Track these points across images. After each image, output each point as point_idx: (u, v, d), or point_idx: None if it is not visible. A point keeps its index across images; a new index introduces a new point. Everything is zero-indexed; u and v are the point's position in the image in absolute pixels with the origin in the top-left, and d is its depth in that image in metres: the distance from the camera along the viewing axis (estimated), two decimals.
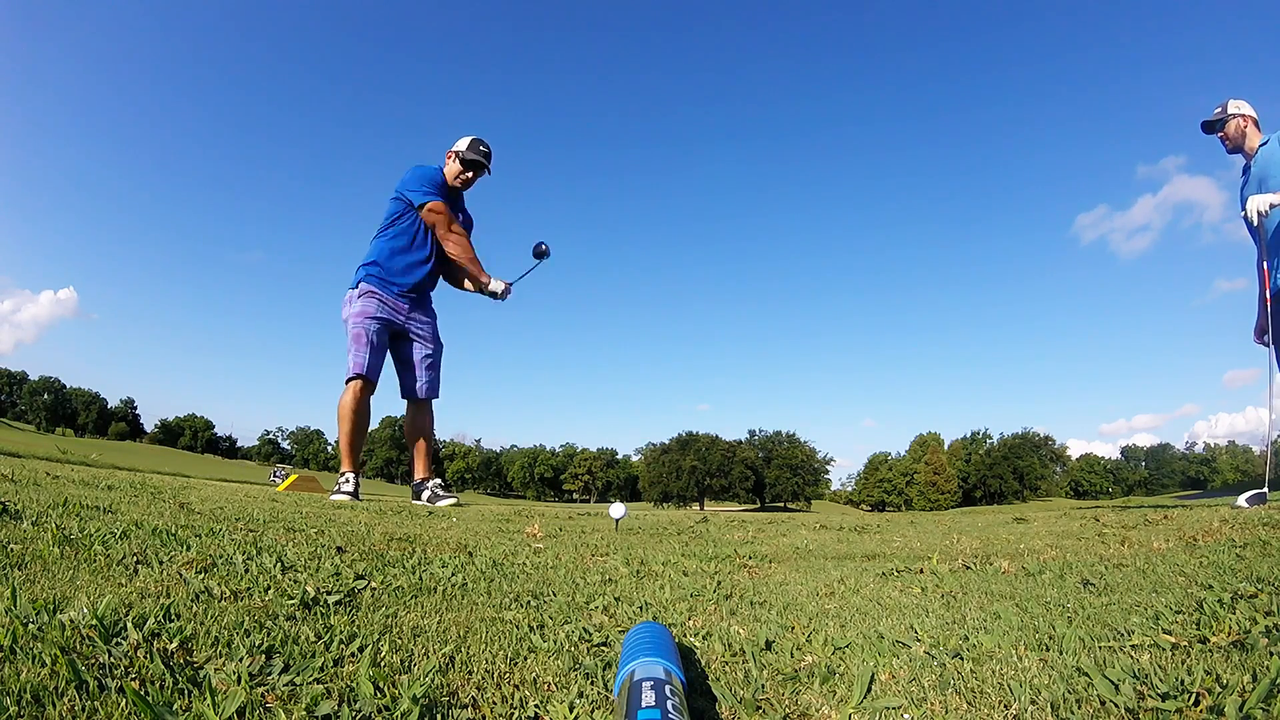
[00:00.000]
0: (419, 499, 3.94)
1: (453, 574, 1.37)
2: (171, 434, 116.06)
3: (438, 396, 4.09)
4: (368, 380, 3.80)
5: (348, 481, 3.76)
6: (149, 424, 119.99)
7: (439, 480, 4.03)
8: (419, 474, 4.04)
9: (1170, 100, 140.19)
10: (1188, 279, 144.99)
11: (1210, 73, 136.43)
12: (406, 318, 3.95)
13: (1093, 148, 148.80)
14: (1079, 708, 0.74)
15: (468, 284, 4.20)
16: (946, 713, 0.75)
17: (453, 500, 3.87)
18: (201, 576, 1.09)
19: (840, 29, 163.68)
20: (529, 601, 1.20)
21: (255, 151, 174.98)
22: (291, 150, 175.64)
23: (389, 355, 4.02)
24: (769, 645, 0.99)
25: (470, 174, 4.01)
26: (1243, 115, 3.51)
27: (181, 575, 1.09)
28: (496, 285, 4.07)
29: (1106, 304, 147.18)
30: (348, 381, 3.80)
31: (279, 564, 1.25)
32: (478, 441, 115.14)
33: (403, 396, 4.09)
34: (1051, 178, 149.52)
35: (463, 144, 4.02)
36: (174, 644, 0.77)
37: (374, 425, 4.56)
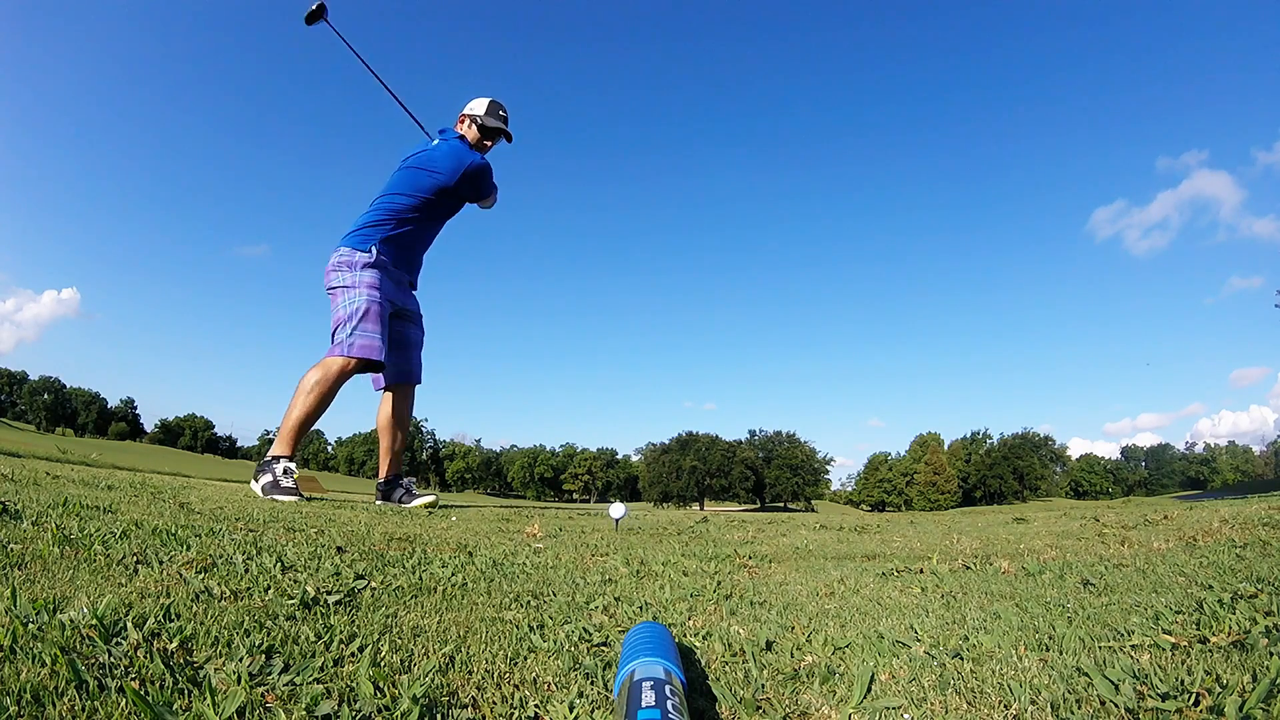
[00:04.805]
0: (389, 499, 3.47)
1: (453, 574, 1.37)
2: (171, 434, 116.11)
3: (422, 382, 3.71)
4: (375, 365, 3.24)
5: (289, 475, 3.05)
6: (149, 424, 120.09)
7: (413, 478, 3.61)
8: (393, 470, 3.58)
9: (1195, 91, 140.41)
10: (1200, 277, 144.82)
11: (1238, 65, 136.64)
12: (403, 300, 3.55)
13: (1114, 138, 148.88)
14: (1079, 708, 0.74)
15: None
16: (946, 713, 0.75)
17: (429, 498, 3.44)
18: (201, 576, 1.09)
19: (852, 21, 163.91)
20: (529, 601, 1.20)
21: (260, 142, 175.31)
22: (298, 140, 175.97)
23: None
24: (769, 645, 0.99)
25: (489, 142, 3.59)
26: None
27: (181, 575, 1.09)
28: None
29: (1116, 302, 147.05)
30: (338, 357, 3.16)
31: (279, 564, 1.25)
32: (478, 441, 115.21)
33: (396, 380, 3.57)
34: (1071, 170, 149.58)
35: (479, 106, 3.56)
36: (174, 644, 0.77)
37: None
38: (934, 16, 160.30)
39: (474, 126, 3.54)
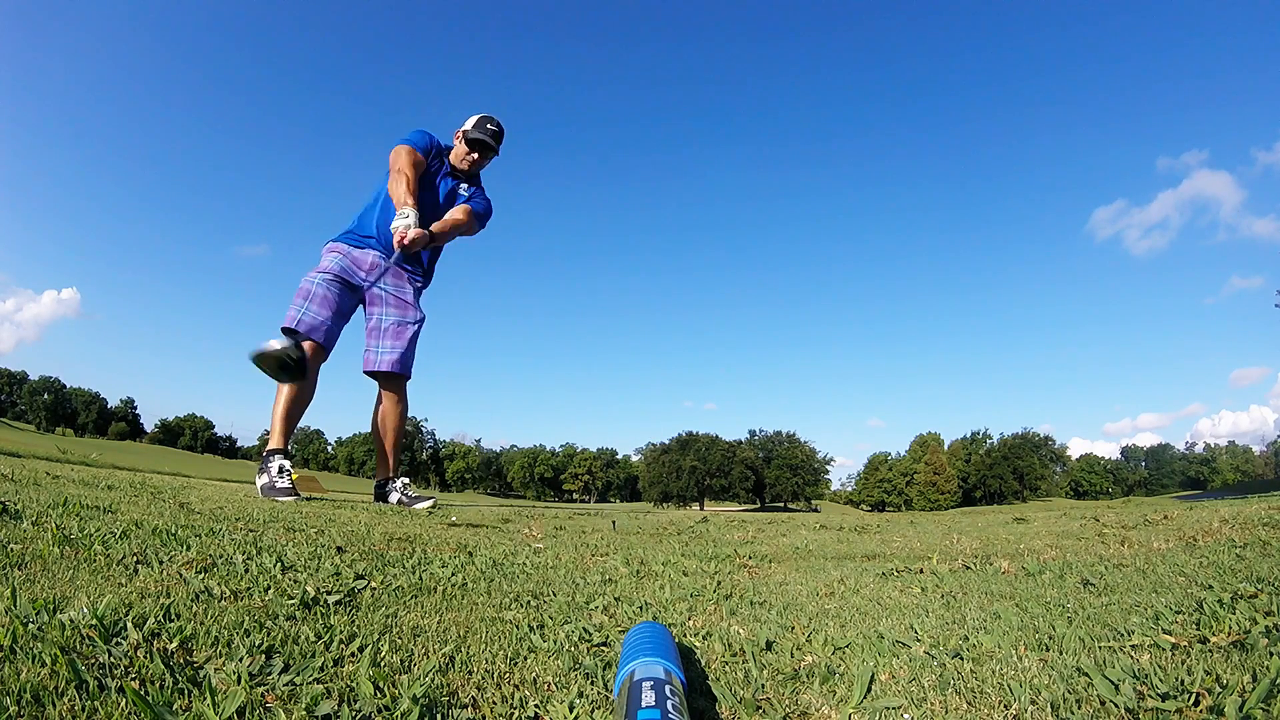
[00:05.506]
0: (385, 502, 3.42)
1: (453, 574, 1.37)
2: (171, 434, 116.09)
3: (407, 374, 3.44)
4: (306, 339, 3.09)
5: (284, 474, 3.03)
6: (149, 424, 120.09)
7: (408, 479, 3.52)
8: (383, 472, 3.51)
9: (1195, 91, 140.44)
10: (1200, 277, 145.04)
11: (1238, 65, 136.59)
12: (367, 274, 3.32)
13: (1114, 138, 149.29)
14: (1079, 708, 0.74)
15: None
16: (946, 713, 0.75)
17: (429, 503, 3.33)
18: (201, 576, 1.09)
19: (853, 21, 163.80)
20: (529, 601, 1.20)
21: (260, 142, 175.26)
22: (298, 140, 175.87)
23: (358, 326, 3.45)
24: (769, 645, 0.99)
25: (476, 155, 3.52)
26: None
27: (181, 575, 1.09)
28: (407, 216, 2.99)
29: (1116, 302, 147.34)
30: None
31: (279, 564, 1.25)
32: (478, 441, 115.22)
33: (364, 371, 3.45)
34: (1071, 170, 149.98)
35: (469, 123, 3.56)
36: (174, 644, 0.77)
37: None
38: (934, 16, 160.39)
39: (462, 141, 3.55)
